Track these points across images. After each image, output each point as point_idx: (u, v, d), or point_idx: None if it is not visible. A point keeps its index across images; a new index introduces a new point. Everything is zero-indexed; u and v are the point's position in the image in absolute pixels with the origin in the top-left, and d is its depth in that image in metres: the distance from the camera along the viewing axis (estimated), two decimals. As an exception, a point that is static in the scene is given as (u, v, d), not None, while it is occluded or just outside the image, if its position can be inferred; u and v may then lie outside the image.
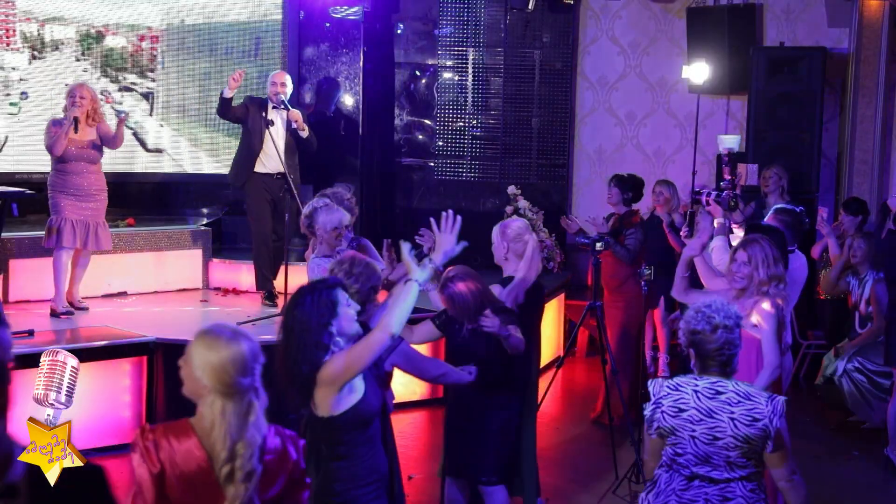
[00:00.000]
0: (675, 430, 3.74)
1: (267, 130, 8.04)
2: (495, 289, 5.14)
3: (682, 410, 3.72)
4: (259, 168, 8.24)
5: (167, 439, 2.89)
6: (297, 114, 8.19)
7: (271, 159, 8.08)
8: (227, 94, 8.09)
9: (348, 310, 3.68)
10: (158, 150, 9.93)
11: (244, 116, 8.20)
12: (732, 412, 3.69)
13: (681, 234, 5.75)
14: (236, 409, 2.88)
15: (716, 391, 3.74)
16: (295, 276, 8.03)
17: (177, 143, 10.00)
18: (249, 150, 8.20)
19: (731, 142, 6.38)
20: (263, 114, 8.17)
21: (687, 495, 3.76)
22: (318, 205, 5.72)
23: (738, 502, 3.73)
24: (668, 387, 3.80)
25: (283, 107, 8.13)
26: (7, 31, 9.14)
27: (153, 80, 9.92)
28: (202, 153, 10.06)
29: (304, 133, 8.22)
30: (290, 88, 8.33)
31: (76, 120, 7.43)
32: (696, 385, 3.76)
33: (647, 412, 3.83)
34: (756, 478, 3.77)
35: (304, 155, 8.41)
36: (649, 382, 3.88)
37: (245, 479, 2.84)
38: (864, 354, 7.63)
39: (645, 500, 3.90)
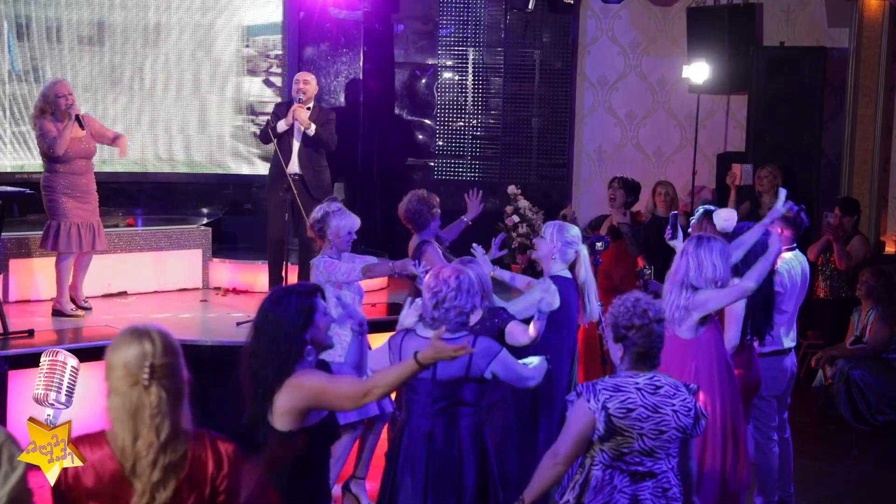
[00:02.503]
0: (624, 431, 3.70)
1: (273, 130, 7.94)
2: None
3: (630, 410, 3.69)
4: (280, 170, 8.07)
5: (81, 451, 2.81)
6: (298, 110, 7.92)
7: (289, 160, 8.00)
8: (281, 128, 7.86)
9: (325, 319, 3.55)
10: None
11: (275, 124, 8.01)
12: (673, 404, 3.75)
13: (665, 235, 5.76)
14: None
15: (655, 386, 3.76)
16: (294, 276, 8.04)
17: (176, 142, 10.01)
18: (276, 151, 8.03)
19: (728, 219, 5.99)
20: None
21: (630, 490, 3.74)
22: (331, 209, 5.69)
23: (673, 491, 3.81)
24: (607, 389, 3.71)
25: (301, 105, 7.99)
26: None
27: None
28: (202, 153, 10.07)
29: (310, 131, 7.97)
30: (312, 87, 8.11)
31: (78, 117, 7.40)
32: (637, 383, 3.74)
33: (578, 418, 3.71)
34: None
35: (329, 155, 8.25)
36: (579, 387, 3.77)
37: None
38: (865, 367, 7.75)
39: (577, 502, 3.79)
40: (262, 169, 9.63)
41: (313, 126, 8.00)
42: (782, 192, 5.60)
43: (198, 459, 2.86)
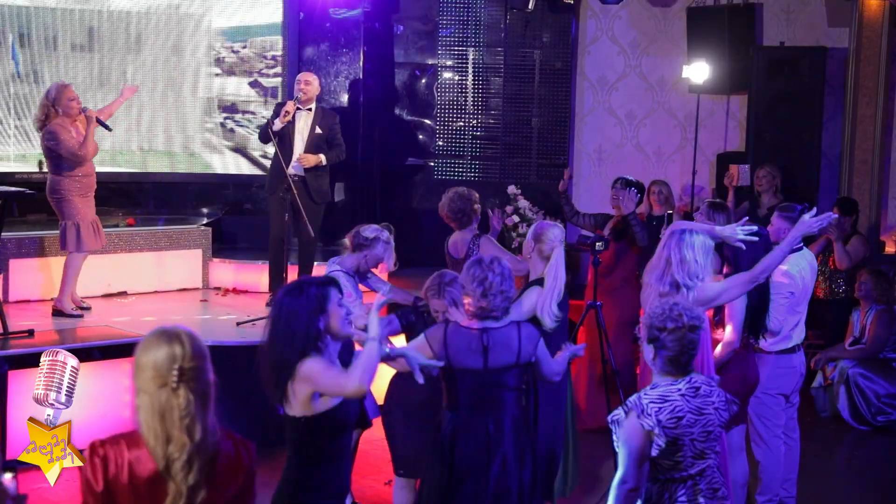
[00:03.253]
0: (678, 440, 3.67)
1: (272, 129, 7.91)
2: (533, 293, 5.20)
3: (680, 419, 3.67)
4: (280, 170, 8.02)
5: (116, 451, 2.81)
6: (305, 159, 7.96)
7: (289, 161, 7.97)
8: (277, 126, 7.88)
9: (340, 310, 3.59)
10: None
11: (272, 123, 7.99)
12: (713, 403, 3.75)
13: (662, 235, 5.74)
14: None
15: (694, 388, 3.73)
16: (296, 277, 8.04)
17: (176, 143, 10.02)
18: (276, 152, 7.99)
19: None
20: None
21: (685, 497, 3.72)
22: (383, 237, 5.61)
23: (723, 491, 3.79)
24: (654, 402, 3.67)
25: (298, 105, 7.97)
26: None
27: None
28: (202, 153, 10.07)
29: (324, 162, 8.03)
30: (314, 87, 8.11)
31: (99, 119, 7.42)
32: (679, 389, 3.71)
33: (632, 437, 3.64)
34: None
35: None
36: (625, 404, 3.70)
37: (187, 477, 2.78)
38: (864, 368, 7.76)
39: None
40: (262, 169, 9.65)
41: (323, 157, 8.01)
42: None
43: (229, 458, 2.88)
